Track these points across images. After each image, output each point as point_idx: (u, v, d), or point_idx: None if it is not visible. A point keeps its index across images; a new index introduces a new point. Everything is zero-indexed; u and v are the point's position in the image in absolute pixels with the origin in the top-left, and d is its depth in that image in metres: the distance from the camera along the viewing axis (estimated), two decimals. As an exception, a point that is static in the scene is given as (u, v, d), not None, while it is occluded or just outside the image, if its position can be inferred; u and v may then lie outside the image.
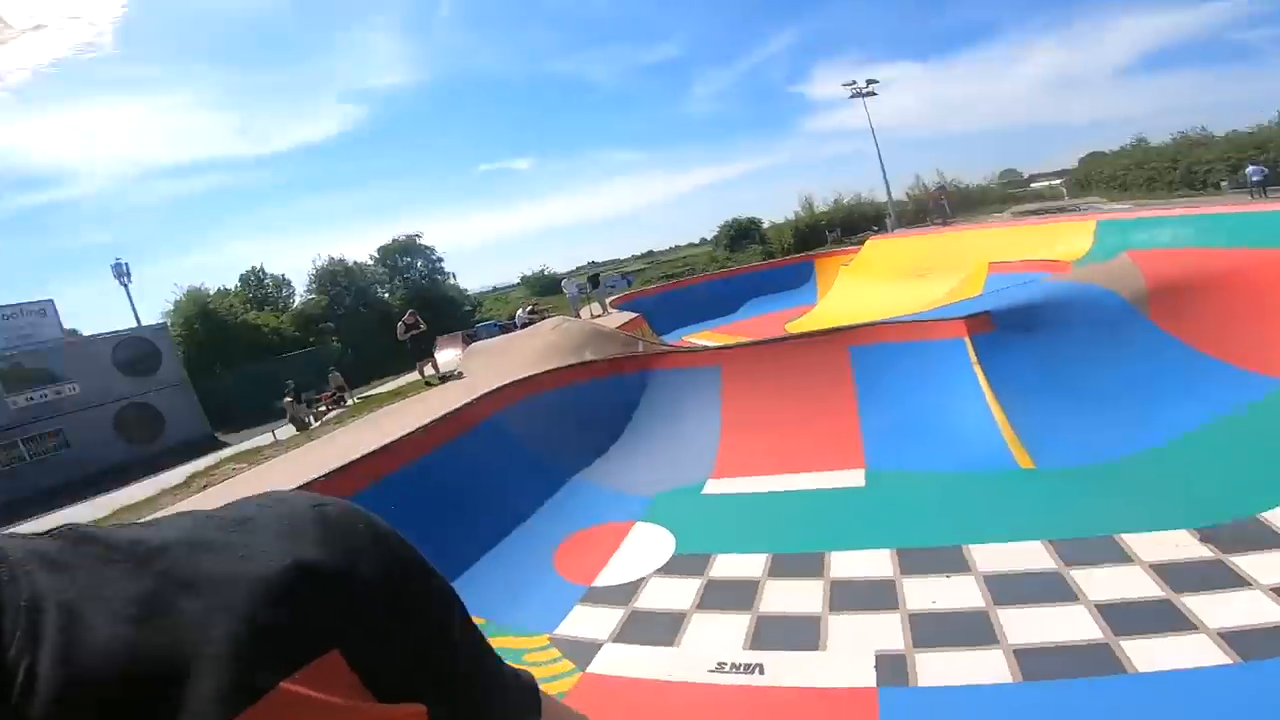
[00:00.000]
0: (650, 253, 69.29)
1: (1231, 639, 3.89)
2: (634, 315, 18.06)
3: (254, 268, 38.95)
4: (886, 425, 8.20)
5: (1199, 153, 34.92)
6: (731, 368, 9.90)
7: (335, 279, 38.77)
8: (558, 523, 7.59)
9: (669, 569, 6.40)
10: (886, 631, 4.78)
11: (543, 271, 49.89)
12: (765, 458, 8.41)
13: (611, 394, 10.17)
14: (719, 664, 4.78)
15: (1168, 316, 8.40)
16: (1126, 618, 4.35)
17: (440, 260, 43.05)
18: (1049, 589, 4.87)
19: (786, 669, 4.59)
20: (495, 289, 54.59)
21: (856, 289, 20.17)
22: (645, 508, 7.88)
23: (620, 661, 5.04)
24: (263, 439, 15.42)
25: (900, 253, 20.38)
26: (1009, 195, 32.24)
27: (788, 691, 4.37)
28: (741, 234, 45.20)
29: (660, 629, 5.39)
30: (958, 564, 5.50)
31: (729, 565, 6.26)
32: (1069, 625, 4.40)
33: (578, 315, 18.78)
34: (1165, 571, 4.78)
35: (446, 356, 16.35)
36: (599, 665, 5.02)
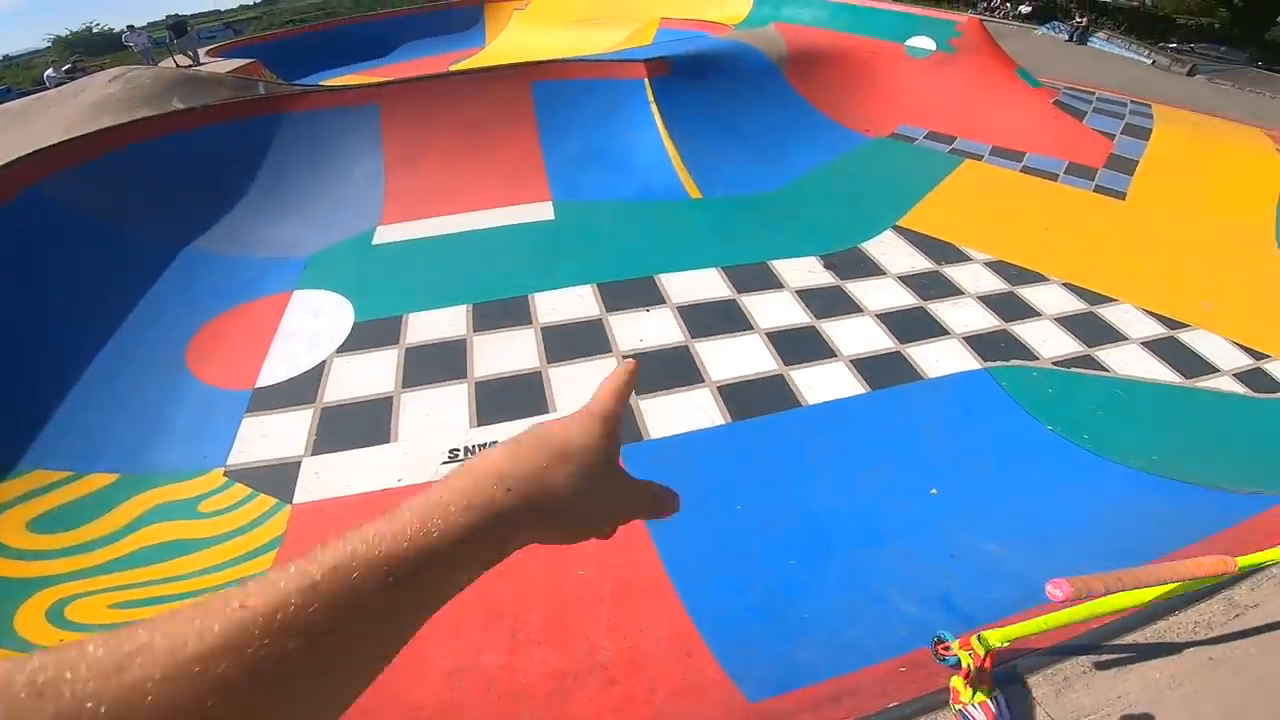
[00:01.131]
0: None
1: (859, 366, 4.54)
2: (247, 61, 12.53)
3: None
4: (570, 159, 7.44)
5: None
6: (393, 105, 7.46)
7: None
8: (180, 314, 5.01)
9: (354, 343, 4.79)
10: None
11: (89, 29, 30.68)
12: (443, 197, 6.82)
13: (231, 143, 6.80)
14: (450, 453, 3.78)
15: (799, 79, 9.11)
16: (789, 346, 4.75)
17: None
18: (730, 319, 5.05)
19: (525, 442, 3.81)
20: (6, 58, 36.80)
21: (529, 34, 17.35)
22: (300, 272, 5.73)
23: (332, 478, 3.61)
24: None
25: (575, 1, 17.70)
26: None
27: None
28: (397, -25, 35.22)
29: (367, 423, 4.03)
30: (654, 296, 5.35)
31: (427, 325, 4.97)
32: (751, 357, 4.62)
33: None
34: (806, 297, 5.34)
35: (-90, 138, 9.25)
36: (307, 491, 3.52)
